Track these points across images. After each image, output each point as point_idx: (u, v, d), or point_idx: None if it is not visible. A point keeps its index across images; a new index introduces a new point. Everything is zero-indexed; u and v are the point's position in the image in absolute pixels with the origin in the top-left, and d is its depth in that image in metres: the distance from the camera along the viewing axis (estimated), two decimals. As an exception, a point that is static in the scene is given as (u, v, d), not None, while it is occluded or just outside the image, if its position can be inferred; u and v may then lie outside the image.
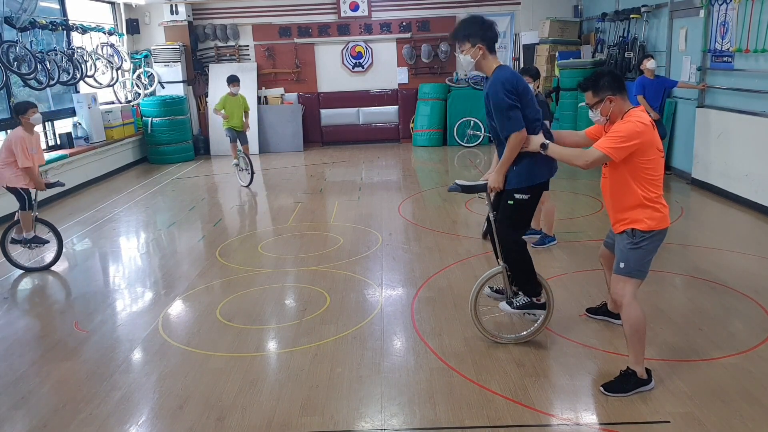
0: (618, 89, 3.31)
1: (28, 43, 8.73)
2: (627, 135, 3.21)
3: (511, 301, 3.92)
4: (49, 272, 6.03)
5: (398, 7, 13.03)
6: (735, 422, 3.07)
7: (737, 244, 5.88)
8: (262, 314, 4.71)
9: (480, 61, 3.65)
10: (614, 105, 3.32)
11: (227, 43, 13.15)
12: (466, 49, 3.64)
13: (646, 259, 3.36)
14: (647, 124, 3.24)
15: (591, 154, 3.31)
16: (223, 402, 3.48)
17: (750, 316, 4.28)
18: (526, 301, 3.88)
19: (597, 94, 3.35)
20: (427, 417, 3.25)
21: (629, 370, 3.38)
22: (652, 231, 3.30)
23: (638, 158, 3.24)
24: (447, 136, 12.80)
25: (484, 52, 3.62)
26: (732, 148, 7.35)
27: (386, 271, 5.51)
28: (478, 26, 3.63)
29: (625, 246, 3.36)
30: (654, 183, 3.30)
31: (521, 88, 3.57)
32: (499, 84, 3.54)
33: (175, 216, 8.05)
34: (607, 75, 3.36)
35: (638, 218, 3.31)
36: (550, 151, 3.52)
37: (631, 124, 3.23)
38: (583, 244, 6.00)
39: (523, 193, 3.66)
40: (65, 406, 3.51)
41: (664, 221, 3.33)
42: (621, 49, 10.05)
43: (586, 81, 3.42)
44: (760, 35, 6.81)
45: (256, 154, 12.73)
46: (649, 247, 3.33)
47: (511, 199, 3.69)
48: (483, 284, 3.96)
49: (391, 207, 7.86)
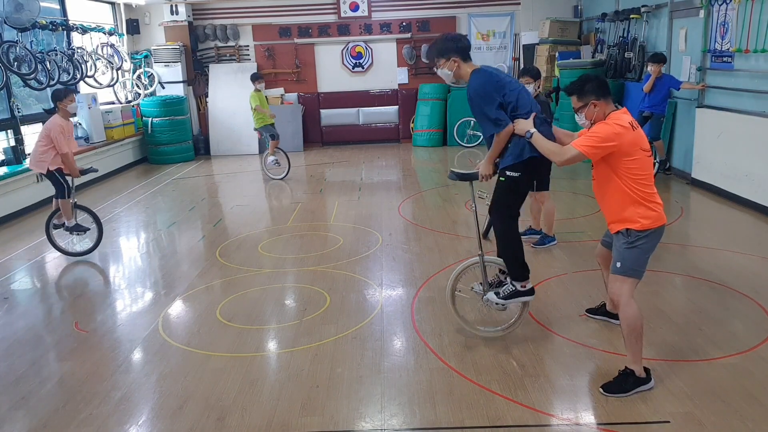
0: (602, 94, 3.38)
1: (28, 43, 8.73)
2: (604, 136, 3.28)
3: (498, 291, 3.98)
4: (49, 272, 6.04)
5: (398, 7, 13.03)
6: (735, 422, 3.07)
7: (737, 244, 5.88)
8: (262, 314, 4.71)
9: (457, 71, 3.90)
10: (598, 109, 3.39)
11: (227, 43, 13.15)
12: (442, 63, 3.89)
13: (643, 258, 3.37)
14: (626, 125, 3.30)
15: (568, 152, 3.41)
16: (223, 402, 3.48)
17: (750, 316, 4.28)
18: (512, 290, 3.93)
19: (581, 98, 3.42)
20: (427, 417, 3.25)
21: (627, 369, 3.38)
22: (647, 230, 3.31)
23: (621, 158, 3.29)
24: (447, 136, 12.80)
25: (459, 63, 3.87)
26: (732, 148, 7.35)
27: (386, 271, 5.51)
28: (449, 41, 3.90)
29: (621, 245, 3.37)
30: (642, 182, 3.32)
31: (496, 83, 3.74)
32: (473, 90, 3.81)
33: (175, 216, 8.05)
34: (593, 80, 3.43)
35: (632, 218, 3.32)
36: (534, 139, 3.61)
37: (609, 126, 3.30)
38: (583, 244, 6.00)
39: (514, 171, 3.78)
40: (65, 406, 3.51)
41: (659, 219, 3.34)
42: (621, 49, 10.06)
43: (571, 85, 3.49)
44: (760, 35, 6.81)
45: (256, 154, 12.74)
46: (645, 246, 3.34)
47: (503, 176, 3.83)
48: (459, 274, 4.08)
49: (391, 207, 7.86)
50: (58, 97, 6.02)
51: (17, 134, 8.88)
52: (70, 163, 6.04)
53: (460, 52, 3.84)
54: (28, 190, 8.51)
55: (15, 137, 8.82)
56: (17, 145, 8.75)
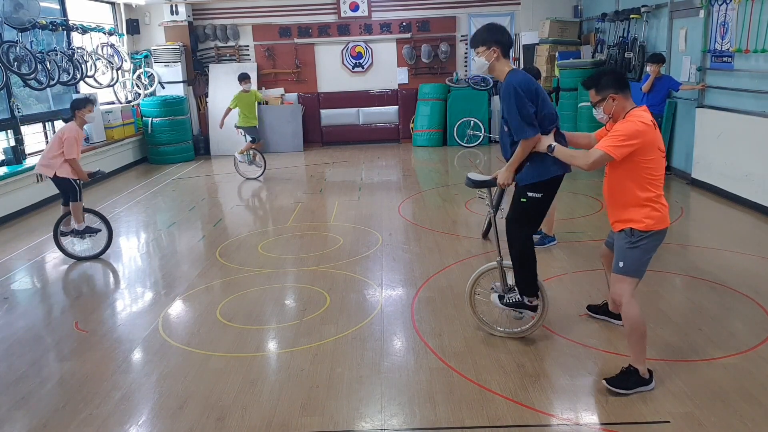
0: (620, 88, 3.34)
1: (28, 43, 8.73)
2: (628, 134, 3.23)
3: (503, 296, 3.97)
4: (49, 272, 6.04)
5: (398, 7, 13.03)
6: (735, 422, 3.07)
7: (737, 244, 5.88)
8: (262, 314, 4.71)
9: (494, 64, 3.73)
10: (616, 103, 3.35)
11: (227, 43, 13.15)
12: (481, 51, 3.73)
13: (644, 258, 3.37)
14: (648, 123, 3.26)
15: (592, 155, 3.34)
16: (223, 402, 3.48)
17: (750, 316, 4.28)
18: (517, 299, 3.92)
19: (599, 92, 3.39)
20: (427, 417, 3.25)
21: (631, 367, 3.38)
22: (650, 231, 3.31)
23: (639, 158, 3.26)
24: (447, 136, 12.80)
25: (498, 55, 3.72)
26: (732, 148, 7.35)
27: (386, 271, 5.51)
28: (494, 32, 3.75)
29: (624, 245, 3.37)
30: (654, 183, 3.31)
31: (533, 90, 3.63)
32: (512, 89, 3.61)
33: (175, 216, 8.05)
34: (610, 74, 3.40)
35: (636, 218, 3.31)
36: (557, 153, 3.56)
37: (632, 124, 3.25)
38: (583, 244, 6.00)
39: (536, 192, 3.70)
40: (65, 406, 3.51)
41: (663, 221, 3.34)
42: (621, 49, 10.05)
43: (589, 79, 3.46)
44: (760, 35, 6.81)
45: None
46: (647, 246, 3.34)
47: (524, 197, 3.73)
48: (478, 277, 4.07)
49: (391, 207, 7.86)
50: (77, 106, 6.06)
51: (17, 134, 8.87)
52: (77, 168, 6.07)
53: (502, 45, 3.71)
54: (28, 190, 8.52)
55: (15, 137, 8.82)
56: (17, 145, 8.75)
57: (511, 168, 3.75)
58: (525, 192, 3.73)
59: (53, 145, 6.04)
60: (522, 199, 3.75)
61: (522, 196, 3.75)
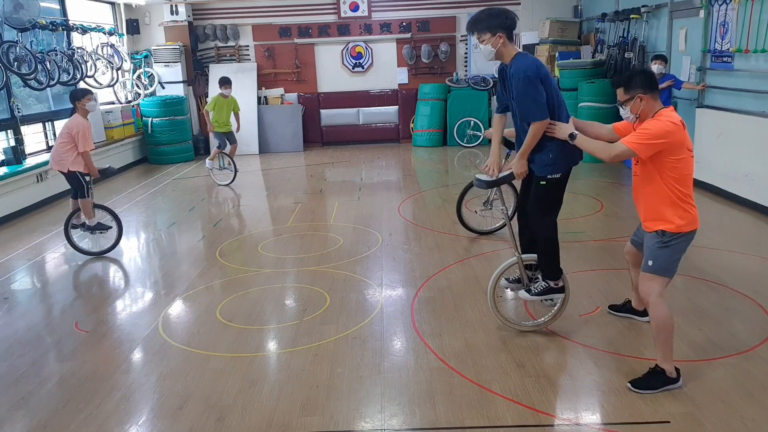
0: (649, 88, 3.33)
1: (28, 43, 8.73)
2: (655, 133, 3.23)
3: (530, 288, 4.00)
4: (49, 272, 6.04)
5: (398, 7, 13.02)
6: (735, 422, 3.07)
7: (737, 244, 5.87)
8: (262, 314, 4.71)
9: (500, 50, 3.69)
10: (644, 103, 3.34)
11: (227, 43, 13.15)
12: (487, 38, 3.66)
13: (674, 258, 3.38)
14: (677, 123, 3.26)
15: (616, 148, 3.35)
16: (223, 402, 3.48)
17: (750, 316, 4.28)
18: (544, 286, 3.95)
19: (628, 91, 3.37)
20: (427, 417, 3.25)
21: (658, 368, 3.38)
22: (681, 232, 3.31)
23: (668, 157, 3.26)
24: (447, 136, 12.79)
25: (504, 40, 3.67)
26: (732, 148, 7.35)
27: (386, 272, 5.51)
28: (497, 17, 3.67)
29: (654, 244, 3.37)
30: (683, 182, 3.31)
31: (543, 74, 3.62)
32: (522, 72, 3.58)
33: (175, 216, 8.05)
34: (640, 74, 3.38)
35: (668, 218, 3.32)
36: (578, 142, 3.57)
37: (662, 123, 3.25)
38: (583, 244, 6.00)
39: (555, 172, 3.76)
40: (65, 406, 3.51)
41: (694, 222, 3.35)
42: (621, 49, 10.05)
43: (619, 78, 3.45)
44: (760, 35, 6.81)
45: (256, 154, 12.75)
46: (678, 246, 3.35)
47: (543, 180, 3.76)
48: (500, 275, 4.08)
49: (391, 207, 7.86)
50: (76, 97, 6.08)
51: (17, 134, 8.87)
52: (89, 162, 6.08)
53: (507, 29, 3.65)
54: (28, 190, 8.52)
55: (15, 137, 8.81)
56: (17, 145, 8.75)
57: (523, 155, 3.76)
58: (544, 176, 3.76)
59: (62, 140, 6.04)
60: (542, 182, 3.78)
61: (541, 180, 3.78)
